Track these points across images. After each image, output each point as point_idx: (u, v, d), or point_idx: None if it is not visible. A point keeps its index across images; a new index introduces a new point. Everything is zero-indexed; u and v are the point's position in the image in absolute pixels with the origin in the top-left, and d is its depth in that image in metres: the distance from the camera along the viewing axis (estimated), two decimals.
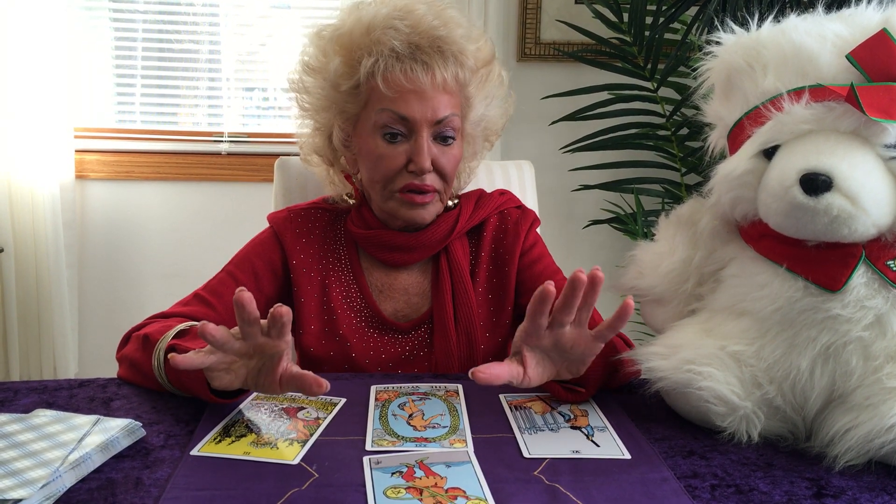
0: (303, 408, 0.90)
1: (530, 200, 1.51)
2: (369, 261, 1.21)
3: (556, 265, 1.25)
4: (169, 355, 0.82)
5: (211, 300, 1.13)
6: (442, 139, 1.11)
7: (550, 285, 0.80)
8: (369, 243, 1.18)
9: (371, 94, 1.11)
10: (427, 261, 1.21)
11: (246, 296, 0.76)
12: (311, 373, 0.81)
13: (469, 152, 1.22)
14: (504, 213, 1.25)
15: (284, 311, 0.78)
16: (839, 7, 0.89)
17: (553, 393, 0.95)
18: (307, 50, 1.17)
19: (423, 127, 1.08)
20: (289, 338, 0.82)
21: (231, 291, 0.99)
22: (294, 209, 1.24)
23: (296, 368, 0.83)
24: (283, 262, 1.19)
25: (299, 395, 0.93)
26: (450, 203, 1.22)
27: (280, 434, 0.83)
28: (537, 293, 0.81)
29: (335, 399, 0.93)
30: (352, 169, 1.20)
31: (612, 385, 0.98)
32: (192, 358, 0.79)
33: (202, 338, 0.78)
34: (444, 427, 0.86)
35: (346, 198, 1.23)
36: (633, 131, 2.21)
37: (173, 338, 0.94)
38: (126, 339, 1.05)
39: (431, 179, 1.11)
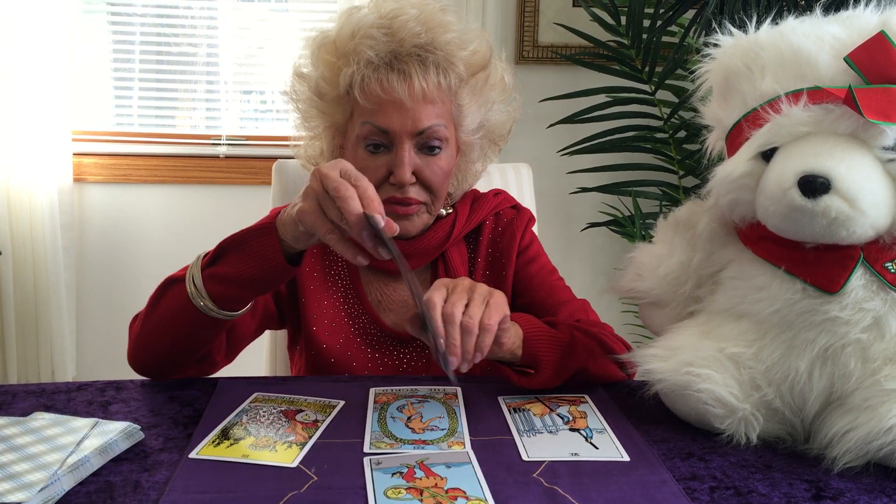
0: (301, 410, 0.90)
1: (528, 203, 1.50)
2: (366, 271, 1.19)
3: (552, 265, 1.25)
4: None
5: None
6: (427, 149, 1.08)
7: None
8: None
9: (354, 106, 1.09)
10: (425, 268, 1.19)
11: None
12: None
13: (470, 158, 1.19)
14: (499, 214, 1.23)
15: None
16: (837, 9, 0.89)
17: (506, 377, 0.97)
18: (301, 53, 1.15)
19: (404, 138, 1.06)
20: None
21: None
22: None
23: None
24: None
25: (298, 397, 0.94)
26: (443, 212, 1.19)
27: (278, 437, 0.83)
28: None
29: (333, 401, 0.93)
30: None
31: (592, 371, 1.00)
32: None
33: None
34: (443, 430, 0.86)
35: None
36: (630, 134, 2.22)
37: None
38: (136, 317, 1.04)
39: (415, 192, 1.08)
